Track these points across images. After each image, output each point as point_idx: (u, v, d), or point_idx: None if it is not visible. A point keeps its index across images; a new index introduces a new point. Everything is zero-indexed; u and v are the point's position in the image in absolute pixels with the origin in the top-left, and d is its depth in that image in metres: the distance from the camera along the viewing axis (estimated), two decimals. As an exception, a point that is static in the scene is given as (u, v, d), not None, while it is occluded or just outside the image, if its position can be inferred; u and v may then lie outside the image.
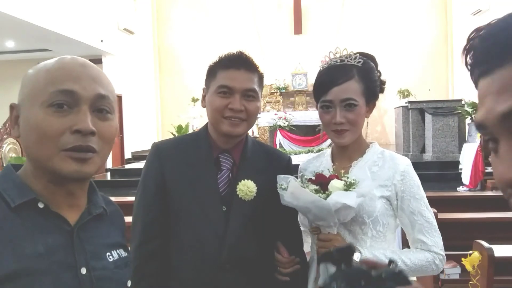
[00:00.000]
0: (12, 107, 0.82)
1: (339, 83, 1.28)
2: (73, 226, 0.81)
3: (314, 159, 1.48)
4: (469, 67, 0.51)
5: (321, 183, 1.23)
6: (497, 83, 0.46)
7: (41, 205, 0.78)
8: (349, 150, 1.37)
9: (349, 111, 1.28)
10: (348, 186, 1.19)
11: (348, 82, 1.29)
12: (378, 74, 1.38)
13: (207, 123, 1.38)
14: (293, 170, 1.45)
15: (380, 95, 1.41)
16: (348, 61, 1.32)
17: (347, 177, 1.23)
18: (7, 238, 0.73)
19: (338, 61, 1.34)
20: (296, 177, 1.45)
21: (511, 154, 0.46)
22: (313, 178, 1.26)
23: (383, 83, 1.41)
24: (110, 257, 0.87)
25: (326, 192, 1.19)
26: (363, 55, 1.37)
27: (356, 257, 1.22)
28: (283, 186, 1.26)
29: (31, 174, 0.80)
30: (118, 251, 0.90)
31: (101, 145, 0.81)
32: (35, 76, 0.80)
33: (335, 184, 1.20)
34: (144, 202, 1.31)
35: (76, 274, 0.79)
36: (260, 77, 1.34)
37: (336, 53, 1.37)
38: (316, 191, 1.21)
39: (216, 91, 1.27)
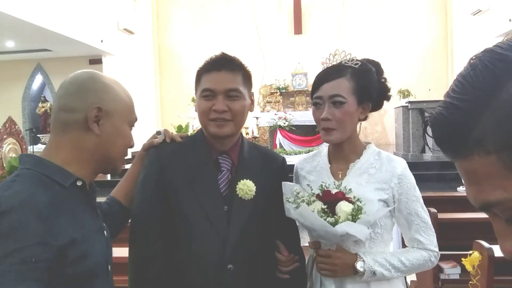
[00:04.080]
0: (99, 108, 1.01)
1: (329, 79, 1.31)
2: (91, 198, 1.05)
3: (310, 158, 1.48)
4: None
5: (329, 202, 1.22)
6: (463, 173, 0.44)
7: (79, 183, 0.99)
8: (345, 151, 1.37)
9: (336, 108, 1.29)
10: (356, 212, 1.19)
11: (338, 79, 1.30)
12: (382, 80, 1.38)
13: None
14: (288, 170, 1.47)
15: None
16: (345, 63, 1.34)
17: (354, 197, 1.23)
18: (71, 212, 0.93)
19: (337, 63, 1.36)
20: (298, 179, 1.46)
21: (508, 231, 0.45)
22: (320, 194, 1.25)
23: (387, 89, 1.39)
24: (101, 220, 1.10)
25: (335, 216, 1.19)
26: (369, 61, 1.37)
27: (360, 266, 1.24)
28: (290, 200, 1.27)
29: (73, 162, 1.00)
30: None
31: None
32: (124, 98, 1.10)
33: (344, 208, 1.20)
34: (144, 206, 1.30)
35: (104, 236, 1.05)
36: (246, 75, 1.34)
37: (335, 54, 1.37)
38: (324, 212, 1.21)
39: (201, 95, 1.31)
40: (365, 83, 1.32)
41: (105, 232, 1.06)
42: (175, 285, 1.29)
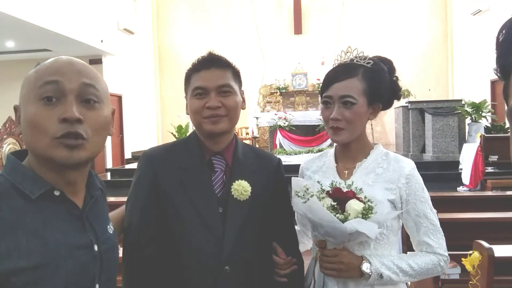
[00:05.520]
0: (15, 108, 0.89)
1: (340, 79, 1.28)
2: (81, 210, 0.89)
3: (316, 159, 1.46)
4: (505, 45, 0.46)
5: (339, 199, 1.20)
6: None
7: (57, 193, 0.85)
8: (352, 150, 1.35)
9: (346, 109, 1.27)
10: (367, 211, 1.16)
11: (349, 80, 1.27)
12: (394, 78, 1.36)
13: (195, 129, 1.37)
14: (283, 170, 1.44)
15: None
16: (357, 61, 1.31)
17: (365, 197, 1.20)
18: (32, 231, 0.79)
19: (348, 60, 1.33)
20: (301, 176, 1.44)
21: None
22: (330, 191, 1.23)
23: (398, 88, 1.37)
24: (110, 229, 0.99)
25: (344, 213, 1.16)
26: (381, 59, 1.35)
27: (366, 267, 1.22)
28: (299, 194, 1.24)
29: (36, 166, 0.86)
30: (110, 222, 1.01)
31: (90, 133, 0.86)
32: (28, 78, 0.87)
33: (354, 206, 1.17)
34: (137, 208, 1.27)
35: (91, 252, 0.88)
36: (235, 72, 1.33)
37: (347, 52, 1.35)
38: (333, 209, 1.18)
39: (192, 94, 1.29)
40: (377, 84, 1.29)
41: (95, 246, 0.89)
42: (171, 287, 1.26)
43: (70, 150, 0.83)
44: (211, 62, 1.30)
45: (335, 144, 1.40)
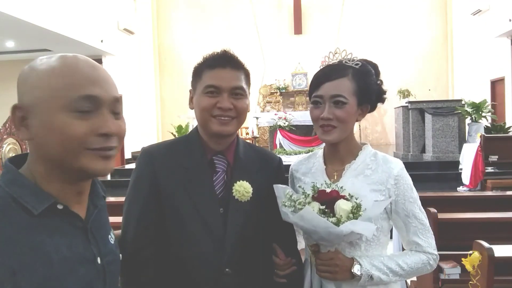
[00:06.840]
0: (17, 108, 0.81)
1: (331, 79, 1.29)
2: (84, 222, 0.85)
3: (305, 160, 1.46)
4: None
5: (327, 202, 1.19)
6: None
7: (60, 207, 0.80)
8: (341, 152, 1.35)
9: (337, 108, 1.27)
10: (356, 210, 1.17)
11: (340, 79, 1.28)
12: (379, 82, 1.37)
13: (196, 126, 1.35)
14: (284, 170, 1.44)
15: None
16: (346, 62, 1.33)
17: (349, 194, 1.21)
18: (35, 248, 0.75)
19: (337, 62, 1.34)
20: (293, 181, 1.44)
21: None
22: (315, 195, 1.22)
23: (383, 92, 1.38)
24: (111, 239, 0.94)
25: (336, 216, 1.16)
26: (367, 62, 1.36)
27: (356, 269, 1.22)
28: (286, 204, 1.24)
29: (41, 176, 0.80)
30: (111, 231, 0.97)
31: (118, 142, 0.85)
32: (46, 80, 0.79)
33: (343, 206, 1.17)
34: (136, 208, 1.24)
35: (94, 266, 0.85)
36: (247, 74, 1.32)
37: (336, 53, 1.36)
38: (324, 213, 1.18)
39: (203, 91, 1.25)
40: (366, 85, 1.31)
41: (98, 259, 0.86)
42: None
43: (106, 162, 0.82)
44: (227, 61, 1.27)
45: (324, 145, 1.41)
